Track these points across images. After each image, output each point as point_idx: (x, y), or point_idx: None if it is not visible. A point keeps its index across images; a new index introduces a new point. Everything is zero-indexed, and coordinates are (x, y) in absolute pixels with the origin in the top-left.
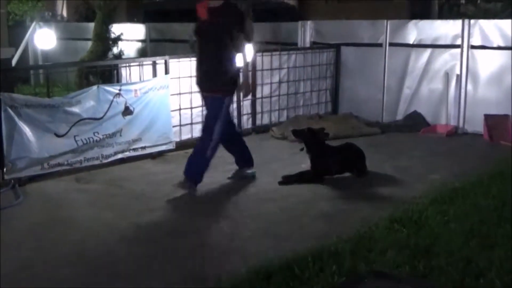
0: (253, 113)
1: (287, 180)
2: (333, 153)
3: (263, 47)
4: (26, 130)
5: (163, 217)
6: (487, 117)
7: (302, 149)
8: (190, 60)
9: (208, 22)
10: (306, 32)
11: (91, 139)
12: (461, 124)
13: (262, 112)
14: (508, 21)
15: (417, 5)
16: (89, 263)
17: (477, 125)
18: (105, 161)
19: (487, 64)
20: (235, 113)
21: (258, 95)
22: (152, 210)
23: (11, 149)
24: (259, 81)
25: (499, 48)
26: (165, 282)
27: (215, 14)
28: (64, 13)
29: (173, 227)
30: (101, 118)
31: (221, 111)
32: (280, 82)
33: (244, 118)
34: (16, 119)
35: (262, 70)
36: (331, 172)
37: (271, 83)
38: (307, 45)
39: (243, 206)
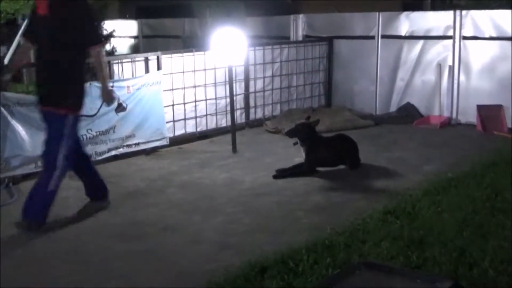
0: (247, 108)
1: (281, 174)
2: (327, 145)
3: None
4: (20, 128)
5: (157, 213)
6: (480, 107)
7: (295, 143)
8: (183, 56)
9: (45, 17)
10: (298, 25)
11: (84, 137)
12: (454, 115)
13: (255, 106)
14: (500, 11)
15: None
16: (83, 260)
17: (470, 116)
18: (98, 158)
19: (479, 54)
20: (228, 108)
21: (252, 89)
22: (146, 206)
23: (4, 148)
24: (252, 75)
25: (491, 38)
26: (160, 278)
27: (54, 8)
28: None
29: (167, 223)
30: (94, 115)
31: (65, 131)
32: (273, 76)
33: (238, 112)
34: (9, 117)
35: (255, 64)
36: (325, 164)
37: (264, 77)
38: (300, 38)
39: (237, 200)
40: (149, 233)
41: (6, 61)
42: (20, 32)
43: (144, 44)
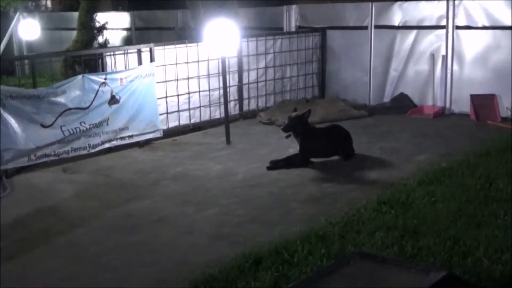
0: (240, 99)
1: (275, 165)
2: (320, 135)
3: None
4: (12, 121)
5: (151, 205)
6: (474, 97)
7: (288, 136)
8: (176, 48)
9: None
10: (291, 16)
11: (78, 129)
12: (447, 105)
13: (249, 98)
14: (493, 1)
15: None
16: (77, 253)
17: (463, 105)
18: (92, 150)
19: (472, 44)
20: (221, 99)
21: (245, 80)
22: (139, 199)
23: None
24: (245, 67)
25: (484, 28)
26: (153, 270)
27: None
28: (48, 3)
29: (161, 215)
30: (87, 107)
31: None
32: (266, 67)
33: (231, 104)
34: (1, 110)
35: (248, 55)
36: (319, 155)
37: (257, 69)
38: (293, 29)
39: (231, 192)
40: (142, 225)
41: None
42: (12, 25)
43: (137, 36)
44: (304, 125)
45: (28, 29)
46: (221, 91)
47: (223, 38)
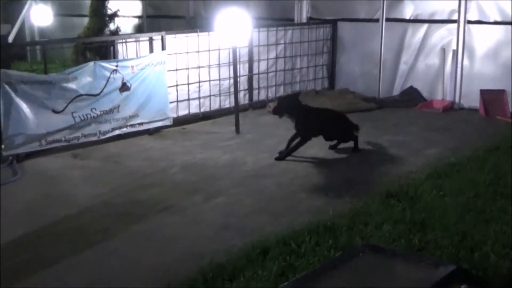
0: (250, 89)
1: (282, 155)
2: (315, 114)
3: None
4: (23, 106)
5: (159, 193)
6: (483, 92)
7: (281, 116)
8: (187, 36)
9: None
10: (302, 8)
11: (89, 115)
12: (457, 99)
13: (258, 88)
14: None
15: None
16: (85, 239)
17: (473, 100)
18: (102, 137)
19: (484, 39)
20: (231, 89)
21: (255, 71)
22: (148, 186)
23: (8, 126)
24: (255, 57)
25: (495, 23)
26: (161, 258)
27: None
28: None
29: (170, 203)
30: (98, 94)
31: None
32: (276, 58)
33: (241, 94)
34: (13, 95)
35: (259, 46)
36: (317, 133)
37: (267, 59)
38: (304, 21)
39: (239, 181)
40: (150, 213)
41: (10, 39)
42: (24, 11)
43: (148, 24)
44: (296, 104)
45: (40, 15)
46: (231, 80)
47: (234, 28)
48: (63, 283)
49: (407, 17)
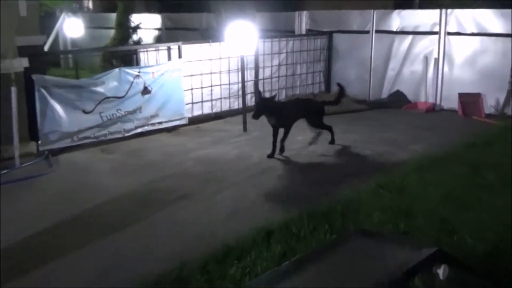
0: (256, 92)
1: (273, 152)
2: (287, 106)
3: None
4: (57, 107)
5: (176, 183)
6: (461, 95)
7: (256, 117)
8: (200, 46)
9: None
10: (302, 20)
11: (114, 115)
12: (438, 102)
13: (264, 92)
14: (481, 10)
15: None
16: (111, 223)
17: (452, 102)
18: (126, 134)
19: (462, 48)
20: (240, 92)
21: (261, 76)
22: (165, 177)
23: (44, 124)
24: (261, 64)
25: (472, 34)
26: (177, 241)
27: None
28: (90, 5)
29: (185, 191)
30: (123, 96)
31: None
32: (279, 65)
33: (248, 96)
34: (48, 98)
35: (264, 54)
36: (293, 120)
37: (271, 66)
38: (303, 32)
39: (246, 173)
40: (168, 200)
41: (46, 48)
42: (58, 24)
43: (167, 35)
44: (271, 104)
45: (72, 27)
46: (240, 85)
47: (242, 39)
48: (95, 259)
49: (394, 29)
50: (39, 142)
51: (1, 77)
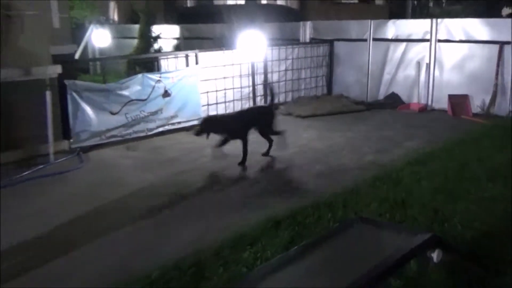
0: (265, 95)
1: (242, 163)
2: (235, 119)
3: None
4: (87, 109)
5: (194, 177)
6: (451, 96)
7: (202, 134)
8: (215, 53)
9: None
10: (306, 30)
11: (138, 116)
12: (430, 102)
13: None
14: (468, 19)
15: (394, 7)
16: (136, 213)
17: (442, 103)
18: (149, 133)
19: (451, 54)
20: (250, 95)
21: (269, 80)
22: (184, 172)
23: (75, 124)
24: (269, 69)
25: (460, 41)
26: (196, 227)
27: None
28: (115, 17)
29: (202, 184)
30: (146, 99)
31: None
32: (286, 70)
33: (258, 98)
34: (79, 100)
35: (272, 60)
36: (244, 131)
37: (279, 71)
38: (307, 40)
39: (256, 168)
40: (187, 192)
41: (76, 56)
42: (87, 34)
43: (184, 44)
44: (218, 121)
45: (100, 37)
46: (250, 88)
47: (252, 46)
48: (120, 245)
49: (390, 37)
50: (71, 140)
51: (38, 83)
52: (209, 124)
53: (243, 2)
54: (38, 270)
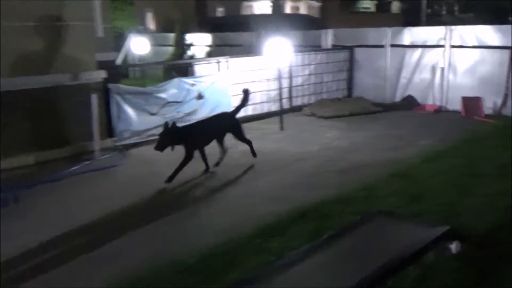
0: (290, 97)
1: (172, 176)
2: (199, 126)
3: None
4: (129, 110)
5: (226, 171)
6: (464, 98)
7: (159, 148)
8: (244, 59)
9: None
10: (328, 37)
11: (174, 117)
12: (444, 104)
13: (297, 96)
14: (480, 26)
15: (410, 16)
16: (173, 205)
17: (456, 105)
18: None
19: (464, 59)
20: (277, 97)
21: (294, 84)
22: (217, 167)
23: (118, 124)
24: (294, 73)
25: (473, 47)
26: (226, 219)
27: None
28: (152, 26)
29: (233, 178)
30: (181, 101)
31: None
32: (309, 74)
33: (284, 100)
34: (122, 102)
35: (297, 65)
36: (206, 142)
37: (303, 75)
38: (329, 47)
39: (283, 164)
40: (220, 185)
41: (118, 62)
42: (126, 41)
43: (216, 51)
44: (176, 133)
45: (139, 45)
46: (277, 91)
47: (278, 53)
48: (162, 233)
49: (406, 43)
50: (114, 138)
51: (85, 87)
52: (170, 136)
53: (269, 12)
54: (94, 252)
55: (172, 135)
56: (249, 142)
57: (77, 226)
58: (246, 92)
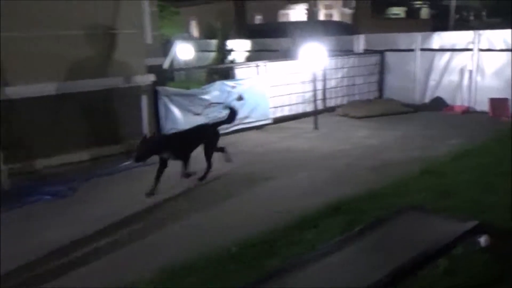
0: (324, 99)
1: (151, 192)
2: (181, 135)
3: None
4: (175, 110)
5: (263, 167)
6: (491, 99)
7: (138, 159)
8: (281, 63)
9: None
10: (359, 42)
11: (217, 117)
12: (472, 105)
13: (330, 98)
14: (507, 30)
15: (439, 21)
16: (214, 197)
17: (483, 106)
18: (226, 131)
19: (492, 62)
20: (312, 98)
21: (328, 86)
22: (255, 163)
23: (165, 123)
24: (328, 76)
25: (501, 50)
26: (266, 210)
27: None
28: (196, 33)
29: (270, 175)
30: (223, 102)
31: None
32: (342, 77)
33: (318, 101)
34: (169, 104)
35: (330, 69)
36: (189, 151)
37: (336, 78)
38: (361, 51)
39: (317, 161)
40: (258, 180)
41: (165, 66)
42: (173, 47)
43: (254, 56)
44: (158, 142)
45: (184, 51)
46: (312, 93)
47: (313, 57)
48: (206, 224)
49: (435, 47)
50: None
51: (135, 89)
52: (148, 146)
53: (304, 19)
54: (145, 239)
55: (148, 145)
56: (209, 164)
57: (129, 215)
58: (232, 110)
